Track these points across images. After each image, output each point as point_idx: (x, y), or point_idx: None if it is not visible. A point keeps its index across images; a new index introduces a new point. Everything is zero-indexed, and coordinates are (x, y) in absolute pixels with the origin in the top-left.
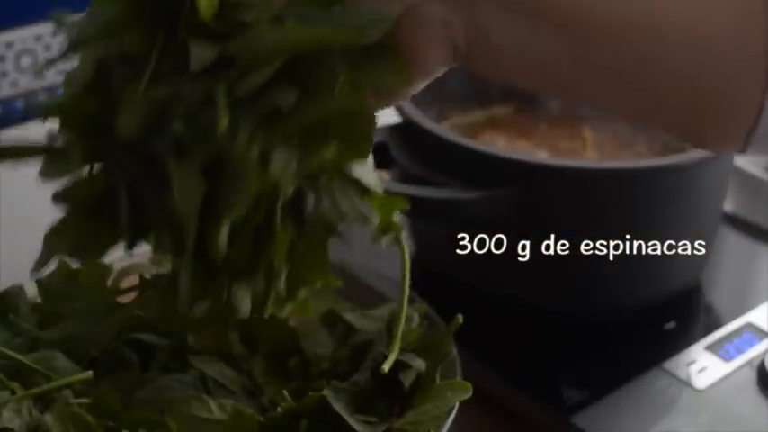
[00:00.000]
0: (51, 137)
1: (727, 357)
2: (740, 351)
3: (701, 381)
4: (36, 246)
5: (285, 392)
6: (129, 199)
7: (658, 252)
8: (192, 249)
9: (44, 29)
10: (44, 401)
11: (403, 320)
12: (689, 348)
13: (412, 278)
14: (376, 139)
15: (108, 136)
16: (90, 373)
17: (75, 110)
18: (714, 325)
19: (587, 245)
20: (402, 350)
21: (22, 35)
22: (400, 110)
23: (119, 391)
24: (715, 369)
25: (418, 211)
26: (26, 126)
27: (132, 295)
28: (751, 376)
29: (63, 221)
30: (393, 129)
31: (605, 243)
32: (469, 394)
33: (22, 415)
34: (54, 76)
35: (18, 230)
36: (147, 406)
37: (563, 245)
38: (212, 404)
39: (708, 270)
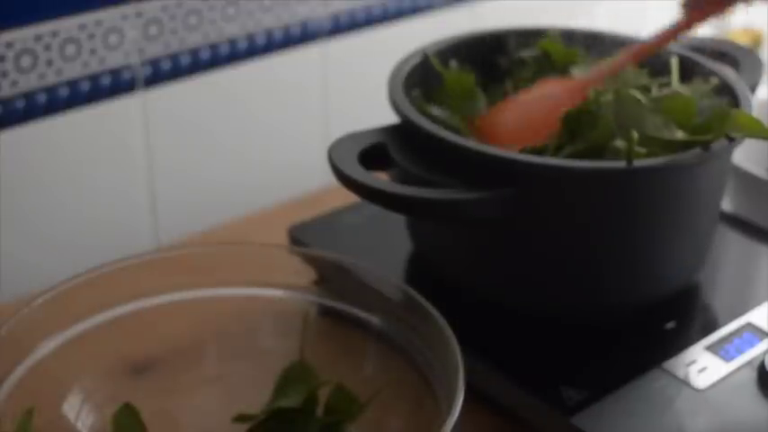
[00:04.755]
0: None
1: (727, 357)
2: (740, 351)
3: (701, 381)
4: (38, 244)
5: None
6: None
7: (657, 252)
8: None
9: (44, 29)
10: None
11: None
12: (689, 348)
13: (412, 278)
14: (375, 139)
15: None
16: None
17: None
18: (714, 325)
19: (587, 245)
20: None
21: (22, 35)
22: (400, 110)
23: None
24: (715, 369)
25: (418, 211)
26: (26, 126)
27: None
28: (751, 376)
29: None
30: (392, 129)
31: (604, 243)
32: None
33: None
34: (54, 76)
35: (21, 229)
36: None
37: (562, 245)
38: None
39: (707, 270)
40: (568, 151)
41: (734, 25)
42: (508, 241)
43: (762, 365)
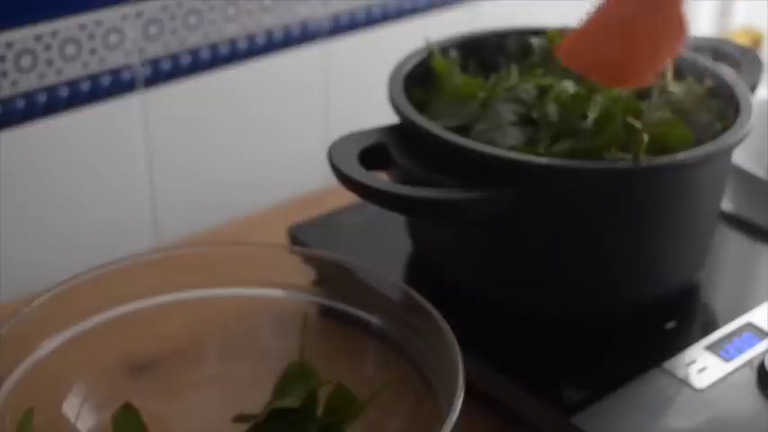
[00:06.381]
0: None
1: (726, 357)
2: (740, 351)
3: (701, 381)
4: (39, 244)
5: None
6: None
7: (658, 252)
8: None
9: (44, 29)
10: None
11: None
12: (689, 348)
13: (412, 278)
14: (375, 139)
15: None
16: None
17: None
18: (714, 325)
19: (586, 245)
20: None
21: (22, 35)
22: (399, 110)
23: None
24: (715, 369)
25: (418, 211)
26: (26, 126)
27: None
28: (751, 376)
29: None
30: (392, 129)
31: (604, 243)
32: None
33: None
34: (54, 76)
35: (21, 229)
36: None
37: (562, 245)
38: None
39: (707, 270)
40: (566, 147)
41: (734, 25)
42: (508, 241)
43: (761, 365)
